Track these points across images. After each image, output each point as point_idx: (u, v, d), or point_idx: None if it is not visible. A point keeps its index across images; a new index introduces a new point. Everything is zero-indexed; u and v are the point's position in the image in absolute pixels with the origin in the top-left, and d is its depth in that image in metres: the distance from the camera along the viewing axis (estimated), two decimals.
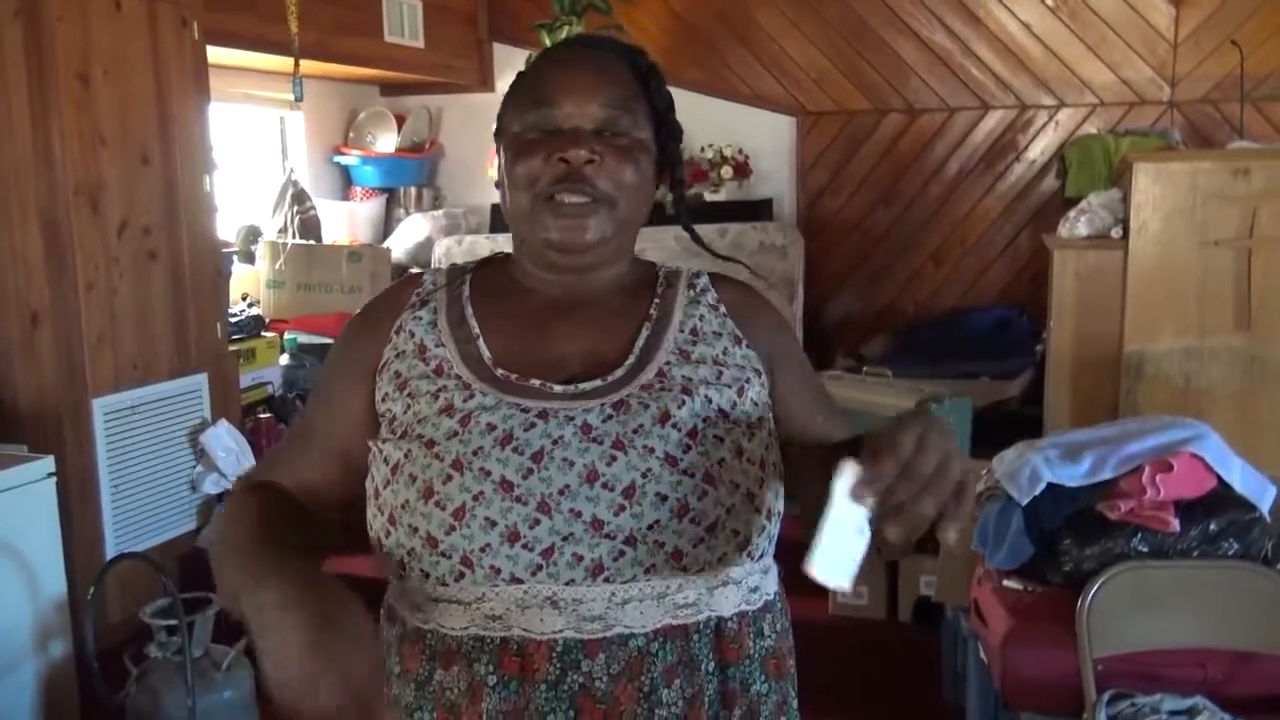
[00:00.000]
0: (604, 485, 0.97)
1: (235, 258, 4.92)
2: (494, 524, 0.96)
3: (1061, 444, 2.38)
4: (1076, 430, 2.55)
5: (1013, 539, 2.30)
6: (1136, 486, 2.22)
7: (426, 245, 5.61)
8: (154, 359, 3.46)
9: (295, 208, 5.22)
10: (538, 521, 0.96)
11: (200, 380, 3.63)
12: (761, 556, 1.06)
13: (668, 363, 1.06)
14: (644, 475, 0.97)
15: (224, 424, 3.63)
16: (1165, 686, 2.10)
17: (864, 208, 5.78)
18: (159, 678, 2.50)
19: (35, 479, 2.79)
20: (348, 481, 1.09)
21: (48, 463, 2.82)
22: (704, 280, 1.16)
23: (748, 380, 1.08)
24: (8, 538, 2.70)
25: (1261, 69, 4.91)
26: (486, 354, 1.06)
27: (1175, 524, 2.20)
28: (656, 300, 1.12)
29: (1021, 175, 5.57)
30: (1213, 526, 2.21)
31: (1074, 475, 2.29)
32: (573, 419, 1.00)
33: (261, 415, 4.12)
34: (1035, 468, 2.30)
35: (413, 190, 6.04)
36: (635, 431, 0.99)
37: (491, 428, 0.99)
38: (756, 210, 5.66)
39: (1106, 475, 2.28)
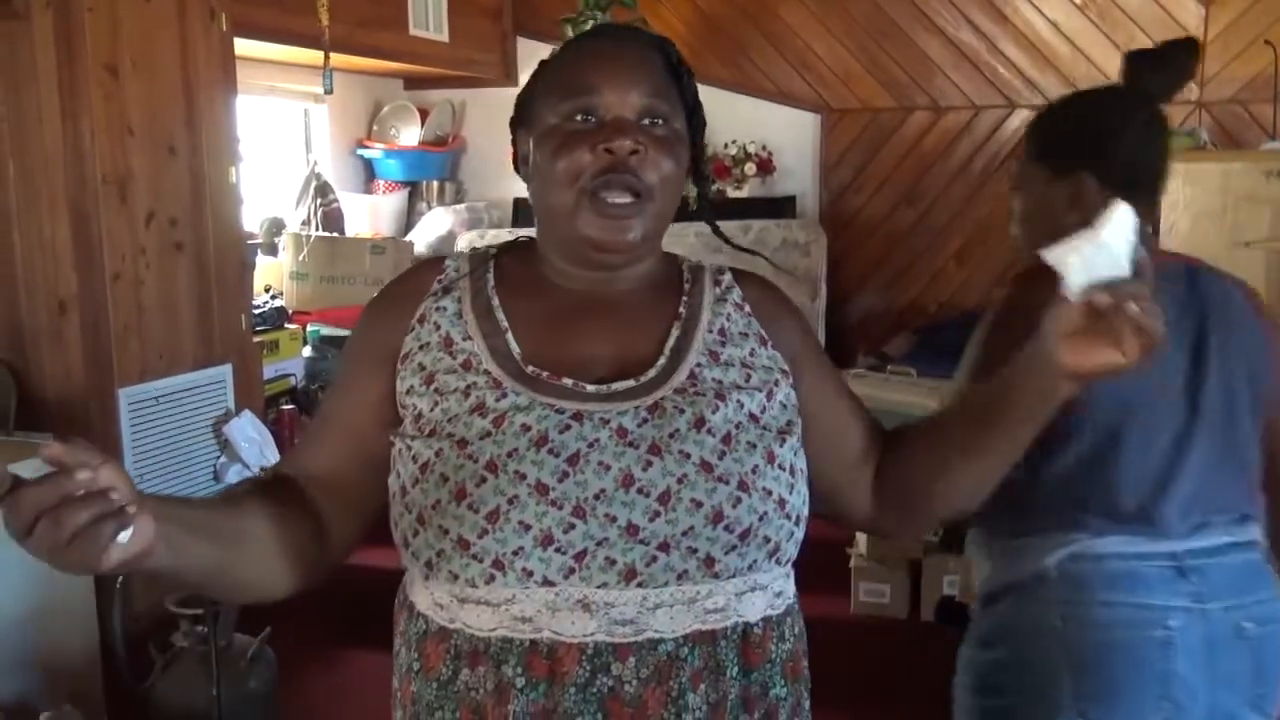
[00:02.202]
0: (640, 490, 0.96)
1: (259, 250, 4.94)
2: (528, 528, 0.94)
3: None
4: None
5: None
6: None
7: (449, 239, 5.62)
8: (179, 349, 3.48)
9: (318, 200, 5.25)
10: (572, 526, 0.95)
11: (224, 371, 3.65)
12: (787, 562, 1.06)
13: (698, 364, 1.05)
14: (679, 481, 0.97)
15: (247, 415, 3.65)
16: None
17: (887, 206, 5.75)
18: (184, 667, 2.51)
19: None
20: (355, 475, 1.07)
21: None
22: (728, 278, 1.16)
23: (776, 383, 1.07)
24: None
25: None
26: (516, 349, 1.05)
27: None
28: (685, 299, 1.12)
29: None
30: None
31: None
32: (608, 422, 0.99)
33: (284, 406, 4.15)
34: None
35: (435, 184, 6.06)
36: (671, 436, 0.99)
37: (526, 429, 0.98)
38: (780, 207, 5.64)
39: None
